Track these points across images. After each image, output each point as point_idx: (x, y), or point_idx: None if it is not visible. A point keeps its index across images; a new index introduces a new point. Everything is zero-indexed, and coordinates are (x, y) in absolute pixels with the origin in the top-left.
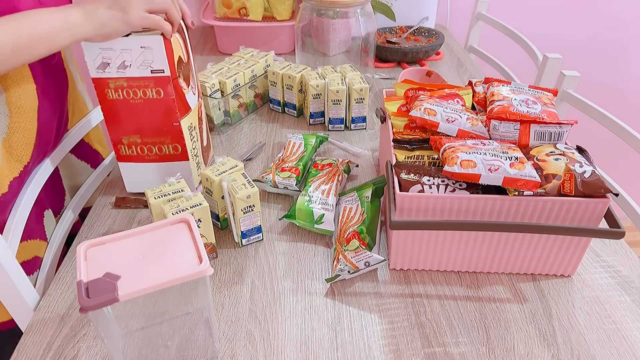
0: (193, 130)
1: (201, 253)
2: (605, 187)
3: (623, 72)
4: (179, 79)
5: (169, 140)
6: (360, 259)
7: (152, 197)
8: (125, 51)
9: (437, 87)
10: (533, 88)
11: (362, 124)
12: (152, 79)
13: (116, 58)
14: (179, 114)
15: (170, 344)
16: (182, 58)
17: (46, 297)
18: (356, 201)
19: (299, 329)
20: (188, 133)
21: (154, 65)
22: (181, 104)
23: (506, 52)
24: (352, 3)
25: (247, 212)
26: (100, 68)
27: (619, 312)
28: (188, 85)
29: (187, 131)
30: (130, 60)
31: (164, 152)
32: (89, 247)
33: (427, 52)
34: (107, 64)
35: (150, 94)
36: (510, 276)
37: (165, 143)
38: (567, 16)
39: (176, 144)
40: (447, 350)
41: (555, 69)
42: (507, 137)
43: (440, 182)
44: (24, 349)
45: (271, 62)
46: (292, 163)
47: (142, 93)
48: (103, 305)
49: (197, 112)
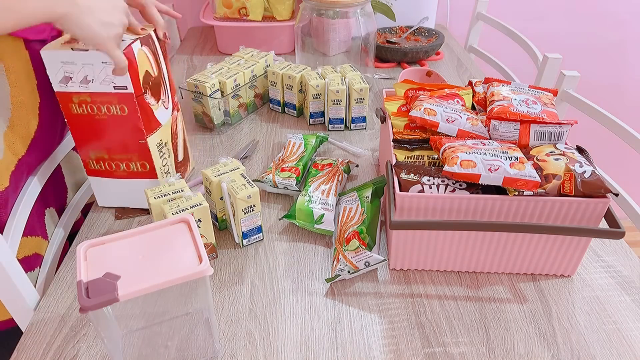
0: (163, 147)
1: (201, 253)
2: (605, 187)
3: (623, 72)
4: (145, 95)
5: (136, 157)
6: (360, 259)
7: (152, 197)
8: (87, 65)
9: (437, 87)
10: (533, 88)
11: (362, 124)
12: (115, 95)
13: (78, 72)
14: (145, 132)
15: (170, 344)
16: (150, 72)
17: (46, 297)
18: (356, 201)
19: (299, 329)
20: (157, 150)
21: (117, 82)
22: (148, 120)
23: (506, 52)
24: (352, 3)
25: (248, 212)
26: (63, 82)
27: (619, 312)
28: (158, 101)
29: (156, 148)
30: (93, 75)
31: (132, 169)
32: (89, 247)
33: (427, 52)
34: (70, 78)
35: (114, 110)
36: (510, 276)
37: (132, 160)
38: (567, 16)
39: (144, 161)
40: (447, 350)
41: (555, 69)
42: (507, 137)
43: (440, 182)
44: (24, 349)
45: (271, 62)
46: (292, 163)
47: (106, 109)
48: (103, 305)
49: (170, 127)
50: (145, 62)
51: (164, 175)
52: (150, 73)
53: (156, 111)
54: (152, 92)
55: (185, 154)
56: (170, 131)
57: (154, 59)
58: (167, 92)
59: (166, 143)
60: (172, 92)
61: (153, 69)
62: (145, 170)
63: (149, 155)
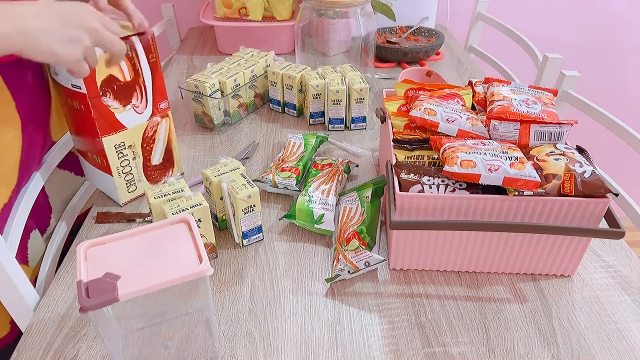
0: (125, 149)
1: (201, 253)
2: (605, 187)
3: (623, 72)
4: (103, 98)
5: (95, 152)
6: (360, 259)
7: (152, 197)
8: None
9: (437, 87)
10: (533, 88)
11: (362, 124)
12: (73, 92)
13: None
14: (99, 132)
15: (170, 344)
16: (116, 77)
17: (46, 297)
18: (356, 201)
19: (299, 329)
20: (113, 151)
21: (72, 80)
22: (105, 122)
23: (506, 52)
24: (352, 3)
25: (248, 212)
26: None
27: (619, 312)
28: (125, 105)
29: (113, 148)
30: (59, 69)
31: (96, 160)
32: (89, 247)
33: (427, 52)
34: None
35: (76, 105)
36: (510, 276)
37: (94, 153)
38: (567, 16)
39: (102, 157)
40: (447, 350)
41: (555, 69)
42: (507, 137)
43: (440, 182)
44: (24, 349)
45: (271, 62)
46: (292, 163)
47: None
48: (103, 305)
49: (141, 132)
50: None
51: (121, 175)
52: (118, 78)
53: (120, 114)
54: (117, 96)
55: (166, 160)
56: (141, 135)
57: (128, 64)
58: (144, 97)
59: (131, 145)
60: (159, 97)
61: (124, 74)
62: (104, 165)
63: (104, 154)
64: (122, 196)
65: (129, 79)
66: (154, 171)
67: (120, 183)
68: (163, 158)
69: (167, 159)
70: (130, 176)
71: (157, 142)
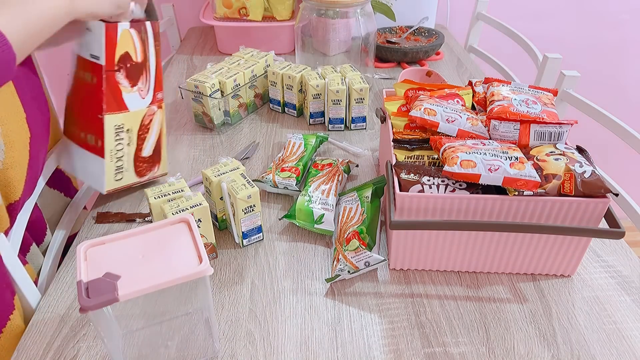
0: (123, 131)
1: (201, 253)
2: (605, 187)
3: (623, 72)
4: (116, 73)
5: (93, 129)
6: (360, 259)
7: (152, 197)
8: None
9: (437, 87)
10: (533, 88)
11: (362, 124)
12: (89, 63)
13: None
14: (105, 107)
15: (170, 344)
16: (130, 55)
17: (46, 297)
18: (356, 201)
19: (299, 329)
20: (112, 131)
21: (93, 50)
22: (113, 99)
23: (506, 52)
24: (352, 3)
25: (248, 212)
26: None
27: (619, 312)
28: (133, 86)
29: (112, 129)
30: (80, 40)
31: (89, 141)
32: (89, 247)
33: (427, 52)
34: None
35: (88, 77)
36: (510, 276)
37: (90, 131)
38: (567, 16)
39: (98, 137)
40: (447, 350)
41: (555, 69)
42: (507, 137)
43: (440, 182)
44: (24, 349)
45: (271, 62)
46: (292, 163)
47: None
48: (103, 305)
49: (140, 117)
50: (129, 44)
51: (114, 159)
52: (132, 56)
53: (127, 94)
54: (128, 74)
55: (155, 154)
56: (139, 121)
57: (141, 46)
58: (148, 82)
59: (129, 130)
60: (157, 87)
61: (137, 54)
62: (97, 147)
63: (101, 132)
64: (107, 182)
65: (139, 60)
66: (143, 163)
67: (110, 168)
68: (153, 151)
69: (156, 152)
70: (120, 162)
71: (151, 132)
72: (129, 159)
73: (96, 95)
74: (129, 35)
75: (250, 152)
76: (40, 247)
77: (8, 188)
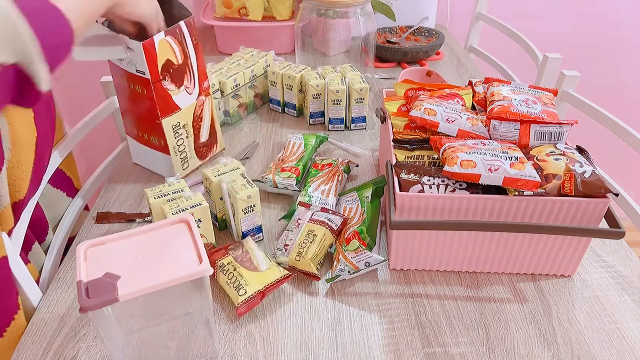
0: (180, 128)
1: (201, 253)
2: (605, 187)
3: (623, 72)
4: (163, 82)
5: (154, 132)
6: (361, 259)
7: (152, 197)
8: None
9: (437, 87)
10: (533, 88)
11: (362, 124)
12: (137, 77)
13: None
14: (160, 114)
15: (170, 344)
16: (171, 61)
17: (46, 297)
18: (356, 201)
19: (299, 329)
20: (171, 131)
21: (138, 66)
22: (165, 104)
23: (506, 52)
24: (352, 3)
25: (248, 212)
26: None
27: (619, 312)
28: (179, 87)
29: (171, 129)
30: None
31: (152, 142)
32: (89, 247)
33: (427, 52)
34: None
35: (138, 89)
36: (510, 276)
37: (152, 134)
38: (567, 16)
39: (160, 138)
40: (447, 350)
41: (555, 69)
42: (507, 137)
43: (440, 182)
44: (24, 349)
45: (271, 62)
46: (292, 163)
47: (134, 86)
48: (103, 305)
49: (192, 111)
50: (168, 51)
51: (177, 153)
52: (173, 61)
53: (176, 96)
54: (173, 78)
55: (212, 136)
56: (192, 114)
57: (179, 48)
58: (192, 78)
59: (185, 125)
60: (202, 78)
61: (177, 58)
62: (161, 146)
63: (163, 134)
64: (177, 172)
65: (180, 62)
66: (203, 147)
67: (177, 161)
68: (209, 135)
69: (212, 134)
70: (184, 154)
71: (204, 119)
72: (190, 148)
73: (150, 104)
74: (167, 43)
75: (250, 152)
76: (42, 246)
77: (13, 187)
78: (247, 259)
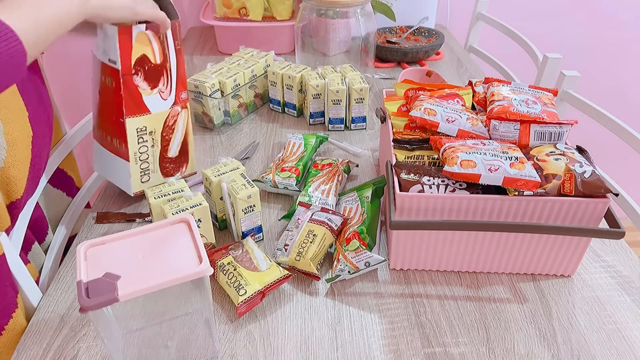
0: (146, 134)
1: (201, 253)
2: (605, 187)
3: (623, 72)
4: (134, 77)
5: (116, 133)
6: (361, 259)
7: (152, 197)
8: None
9: (437, 87)
10: (533, 88)
11: (362, 124)
12: (108, 68)
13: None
14: (125, 111)
15: (170, 344)
16: (148, 57)
17: (46, 297)
18: (356, 201)
19: (299, 329)
20: (135, 134)
21: (110, 55)
22: (133, 102)
23: (506, 52)
24: (352, 3)
25: (248, 212)
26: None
27: (619, 312)
28: (153, 88)
29: (135, 132)
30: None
31: (114, 144)
32: (89, 247)
33: (427, 52)
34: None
35: (108, 81)
36: (510, 276)
37: (115, 135)
38: (567, 16)
39: (121, 140)
40: (447, 350)
41: (555, 69)
42: (507, 137)
43: (440, 182)
44: (24, 349)
45: (271, 62)
46: (292, 163)
47: (105, 79)
48: (103, 305)
49: (164, 119)
50: (145, 46)
51: (138, 162)
52: (150, 59)
53: (147, 97)
54: (147, 77)
55: (182, 154)
56: (163, 123)
57: (159, 47)
58: (169, 83)
59: (152, 132)
60: (180, 87)
61: (155, 56)
62: (122, 149)
63: (124, 136)
64: (134, 185)
65: (158, 62)
66: (169, 164)
67: (135, 170)
68: (179, 151)
69: (183, 153)
70: (145, 164)
71: (176, 132)
72: (154, 160)
73: (116, 99)
74: (146, 37)
75: (250, 152)
76: (42, 246)
77: (9, 187)
78: (247, 259)
